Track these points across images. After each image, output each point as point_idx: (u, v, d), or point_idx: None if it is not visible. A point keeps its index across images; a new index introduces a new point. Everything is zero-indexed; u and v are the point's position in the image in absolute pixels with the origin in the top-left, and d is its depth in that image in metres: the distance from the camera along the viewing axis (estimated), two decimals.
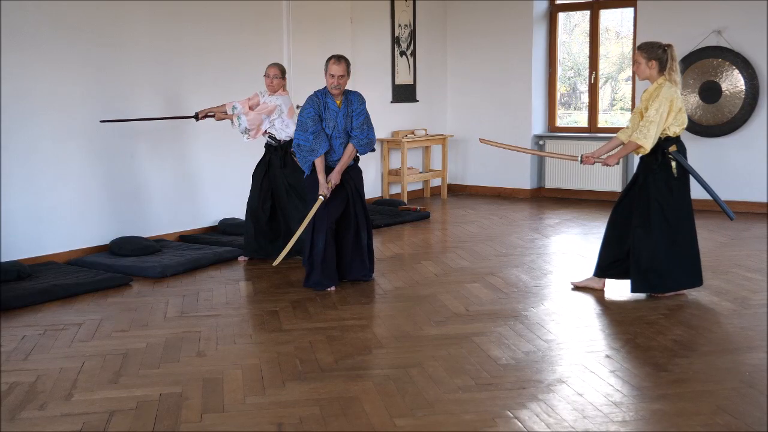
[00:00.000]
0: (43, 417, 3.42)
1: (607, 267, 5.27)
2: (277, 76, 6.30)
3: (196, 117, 6.47)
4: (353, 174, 5.65)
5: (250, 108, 6.32)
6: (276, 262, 5.58)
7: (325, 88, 5.58)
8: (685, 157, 5.06)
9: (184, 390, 3.69)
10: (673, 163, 5.00)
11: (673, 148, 4.99)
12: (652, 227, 5.02)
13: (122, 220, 6.77)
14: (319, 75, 8.58)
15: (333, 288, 5.48)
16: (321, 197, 5.37)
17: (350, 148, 5.55)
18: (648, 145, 4.93)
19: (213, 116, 6.47)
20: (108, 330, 4.66)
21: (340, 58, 5.50)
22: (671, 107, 4.95)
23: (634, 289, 5.14)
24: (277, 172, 6.33)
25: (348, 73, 5.51)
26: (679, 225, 5.05)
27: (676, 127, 5.01)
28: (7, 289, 5.30)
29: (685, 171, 5.04)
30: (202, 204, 7.46)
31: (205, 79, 7.39)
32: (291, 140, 6.29)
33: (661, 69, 5.03)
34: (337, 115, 5.51)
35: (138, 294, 5.52)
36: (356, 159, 5.69)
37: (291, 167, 6.27)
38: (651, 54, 5.00)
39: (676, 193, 5.03)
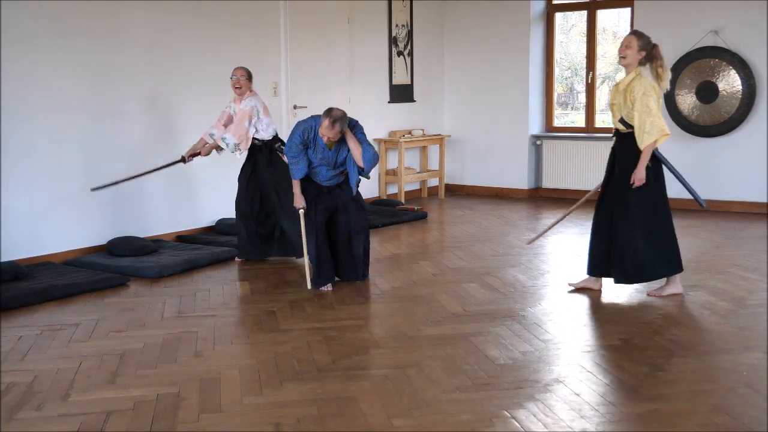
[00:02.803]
0: (40, 417, 3.41)
1: (598, 264, 5.28)
2: (244, 76, 6.19)
3: (183, 160, 6.37)
4: (345, 188, 5.59)
5: (225, 126, 6.24)
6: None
7: (319, 120, 5.37)
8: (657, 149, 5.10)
9: (182, 390, 3.69)
10: None
11: (662, 141, 5.02)
12: (631, 218, 5.06)
13: (119, 220, 6.76)
14: (316, 75, 8.64)
15: (329, 287, 5.49)
16: (300, 210, 5.54)
17: (358, 152, 5.36)
18: (665, 127, 4.95)
19: (199, 154, 6.34)
20: (105, 330, 4.66)
21: (335, 122, 5.18)
22: (657, 94, 4.99)
23: (616, 281, 5.18)
24: (264, 172, 6.28)
25: (341, 131, 5.26)
26: (655, 214, 5.10)
27: None
28: (4, 289, 5.29)
29: (658, 160, 5.08)
30: (200, 204, 7.46)
31: (203, 80, 7.38)
32: (275, 137, 6.33)
33: (642, 62, 5.04)
34: (326, 150, 5.40)
35: (135, 294, 5.51)
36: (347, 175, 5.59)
37: (277, 165, 6.24)
38: (644, 43, 5.02)
39: (652, 182, 5.06)
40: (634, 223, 5.06)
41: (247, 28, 7.83)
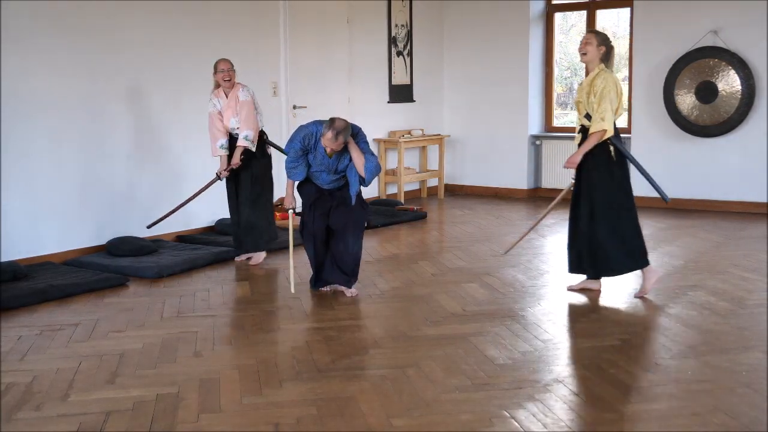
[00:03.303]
0: (39, 417, 3.41)
1: (575, 261, 5.30)
2: (231, 69, 6.13)
3: (219, 177, 6.28)
4: (345, 189, 5.40)
5: (220, 114, 6.14)
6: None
7: (321, 127, 5.20)
8: (621, 143, 5.12)
9: (181, 390, 3.68)
10: (611, 148, 5.05)
11: (610, 134, 5.03)
12: (597, 213, 5.09)
13: (119, 220, 6.76)
14: (315, 75, 8.64)
15: (328, 288, 5.45)
16: (291, 210, 5.53)
17: (360, 161, 5.18)
18: (609, 126, 4.96)
19: (231, 167, 6.18)
20: (104, 330, 4.65)
21: (338, 135, 4.99)
22: (619, 91, 5.01)
23: (591, 276, 5.25)
24: (247, 164, 6.21)
25: (345, 142, 5.08)
26: (620, 209, 5.11)
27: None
28: (4, 289, 5.28)
29: (622, 155, 5.10)
30: (199, 204, 7.45)
31: (202, 80, 7.36)
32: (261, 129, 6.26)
33: (604, 58, 5.07)
34: (326, 158, 5.23)
35: (134, 294, 5.51)
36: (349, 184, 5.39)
37: (261, 157, 6.22)
38: (603, 40, 5.08)
39: (617, 177, 5.09)
40: (598, 218, 5.09)
41: (247, 28, 7.83)
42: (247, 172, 6.21)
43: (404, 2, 9.71)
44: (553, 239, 7.15)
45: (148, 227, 6.46)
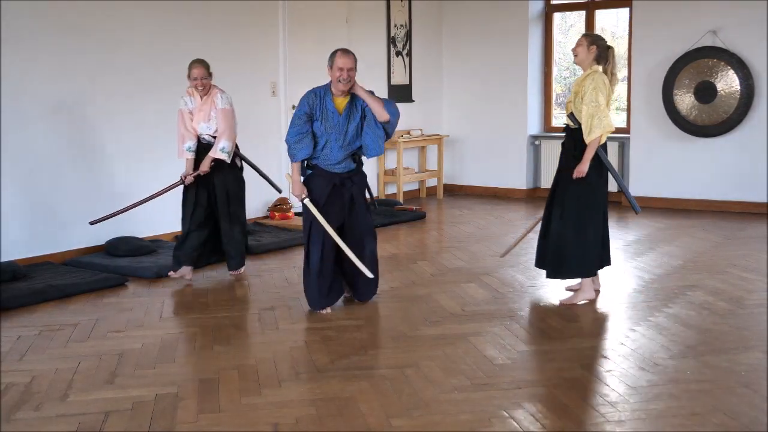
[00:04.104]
0: (38, 418, 3.41)
1: (540, 257, 5.25)
2: (205, 77, 5.61)
3: (183, 181, 5.76)
4: (357, 179, 5.03)
5: (191, 114, 5.66)
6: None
7: (327, 85, 4.90)
8: (604, 148, 5.04)
9: (180, 390, 3.68)
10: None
11: (609, 133, 4.97)
12: (566, 215, 5.03)
13: (118, 220, 6.75)
14: (315, 75, 8.61)
15: (329, 309, 4.95)
16: (304, 199, 4.91)
17: (379, 104, 4.82)
18: (610, 123, 4.89)
19: (199, 174, 5.69)
20: (103, 330, 4.65)
21: (347, 51, 4.83)
22: (607, 93, 4.93)
23: (548, 275, 5.18)
24: (215, 175, 5.71)
25: (355, 65, 4.83)
26: (590, 212, 5.02)
27: None
28: (3, 289, 5.28)
29: (601, 161, 5.00)
30: None
31: None
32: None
33: (597, 59, 4.99)
34: (335, 116, 4.82)
35: (133, 294, 5.51)
36: (360, 163, 5.07)
37: (228, 169, 5.74)
38: (595, 40, 5.01)
39: (592, 183, 4.99)
40: (566, 220, 5.04)
41: (246, 28, 7.83)
42: (221, 187, 5.73)
43: (403, 2, 9.71)
44: None
45: (91, 224, 5.94)
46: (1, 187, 5.98)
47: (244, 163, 5.98)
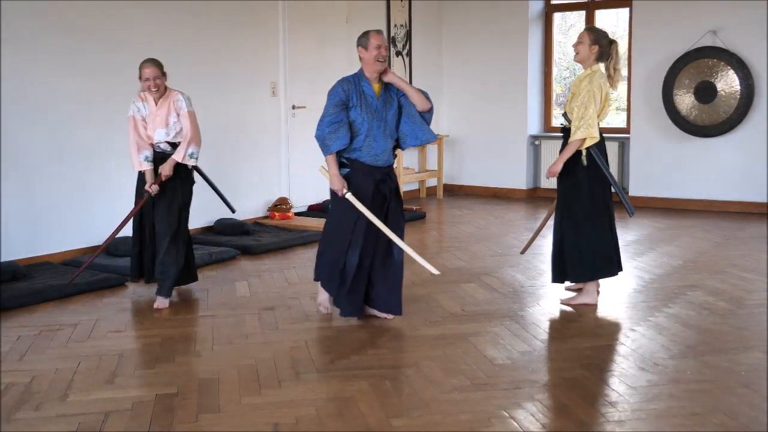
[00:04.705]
0: (38, 418, 3.41)
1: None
2: (159, 76, 5.09)
3: (149, 195, 5.21)
4: (394, 177, 4.71)
5: (144, 121, 5.19)
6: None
7: (358, 73, 4.62)
8: (604, 147, 4.95)
9: (180, 390, 3.68)
10: (583, 156, 4.86)
11: (595, 140, 4.85)
12: (563, 218, 4.99)
13: (117, 220, 6.74)
14: (315, 75, 8.63)
15: (357, 318, 4.71)
16: (348, 195, 4.50)
17: (418, 92, 4.59)
18: (595, 132, 4.78)
19: (161, 180, 5.18)
20: (103, 330, 4.65)
21: (378, 30, 4.58)
22: (604, 95, 4.83)
23: (553, 279, 5.11)
24: (170, 185, 5.19)
25: (388, 48, 4.59)
26: (585, 216, 4.92)
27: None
28: (3, 289, 5.28)
29: (595, 162, 4.87)
30: (198, 204, 7.41)
31: (201, 80, 7.38)
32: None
33: (599, 58, 4.90)
34: (374, 100, 4.53)
35: (133, 294, 5.51)
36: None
37: (187, 178, 5.30)
38: (597, 38, 4.88)
39: (585, 186, 4.90)
40: (564, 222, 4.98)
41: (246, 28, 7.83)
42: (166, 198, 5.17)
43: (403, 2, 9.71)
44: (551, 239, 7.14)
45: (70, 281, 5.41)
46: (1, 187, 5.98)
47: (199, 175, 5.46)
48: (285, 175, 8.38)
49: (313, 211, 8.54)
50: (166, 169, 5.12)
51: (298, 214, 8.39)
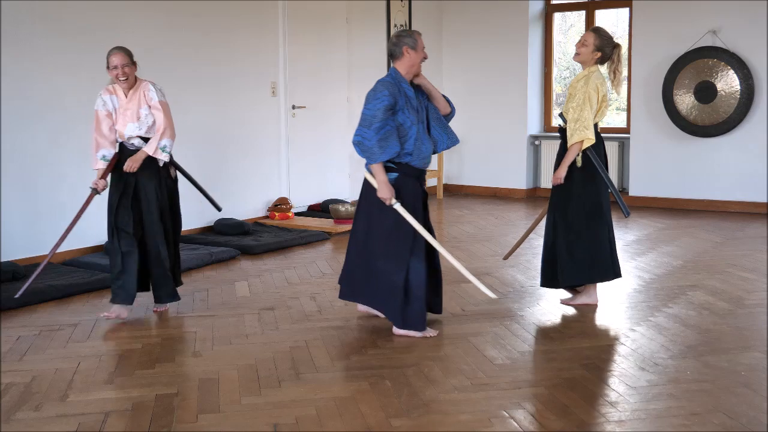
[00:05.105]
0: (38, 418, 3.41)
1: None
2: (128, 64, 4.71)
3: (97, 191, 4.91)
4: (422, 176, 4.57)
5: (110, 116, 4.90)
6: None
7: (394, 75, 4.36)
8: (602, 148, 4.93)
9: (180, 390, 3.68)
10: (579, 158, 4.82)
11: (591, 141, 4.81)
12: (552, 220, 4.95)
13: None
14: (314, 75, 8.63)
15: (435, 333, 4.42)
16: (396, 205, 4.29)
17: (440, 96, 4.55)
18: (590, 134, 4.74)
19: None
20: (103, 330, 4.65)
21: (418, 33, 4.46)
22: (601, 96, 4.79)
23: (542, 284, 5.08)
24: (148, 185, 4.83)
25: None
26: (580, 219, 4.87)
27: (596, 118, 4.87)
28: (3, 289, 5.28)
29: (592, 164, 4.84)
30: (198, 204, 7.43)
31: (201, 80, 7.38)
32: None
33: (600, 62, 4.88)
34: (414, 100, 4.39)
35: None
36: None
37: (163, 178, 4.92)
38: (602, 45, 4.82)
39: (579, 189, 4.86)
40: (558, 226, 4.93)
41: (246, 28, 7.83)
42: (151, 197, 4.82)
43: (403, 2, 9.71)
44: None
45: (16, 297, 5.00)
46: (1, 187, 5.98)
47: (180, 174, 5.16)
48: (285, 175, 8.38)
49: (313, 211, 8.54)
50: (134, 163, 4.72)
51: (298, 214, 8.39)
